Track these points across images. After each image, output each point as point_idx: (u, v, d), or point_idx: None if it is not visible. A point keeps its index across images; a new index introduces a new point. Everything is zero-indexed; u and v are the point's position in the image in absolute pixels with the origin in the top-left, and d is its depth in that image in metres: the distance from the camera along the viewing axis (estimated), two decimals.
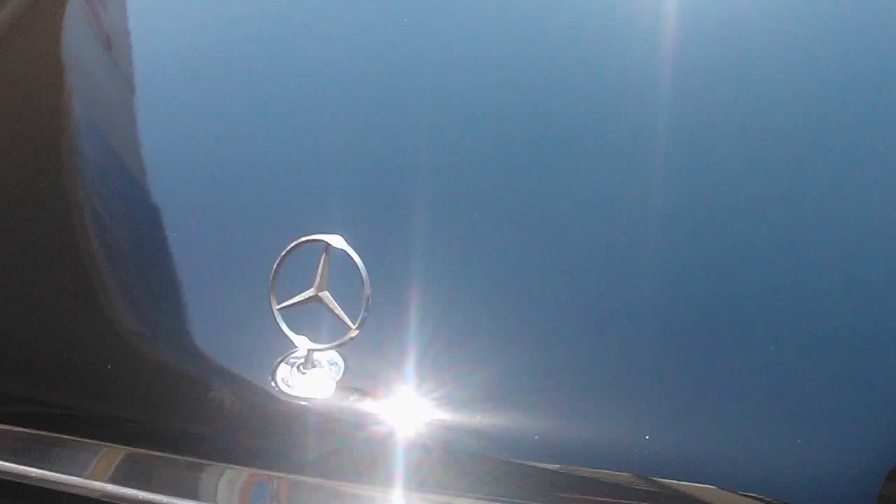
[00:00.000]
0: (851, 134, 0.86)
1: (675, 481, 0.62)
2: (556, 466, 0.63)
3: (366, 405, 0.65)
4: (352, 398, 0.64)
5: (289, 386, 0.64)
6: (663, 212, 0.78)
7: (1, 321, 0.79)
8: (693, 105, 0.88)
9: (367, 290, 0.62)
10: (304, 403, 0.63)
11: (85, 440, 0.70)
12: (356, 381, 0.65)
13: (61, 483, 0.68)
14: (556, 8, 1.03)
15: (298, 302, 0.64)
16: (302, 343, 0.63)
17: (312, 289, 0.64)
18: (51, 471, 0.68)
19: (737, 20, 0.97)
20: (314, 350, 0.63)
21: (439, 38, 1.01)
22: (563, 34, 0.98)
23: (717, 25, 0.96)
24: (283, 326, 0.64)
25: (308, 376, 0.64)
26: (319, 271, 0.64)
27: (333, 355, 0.65)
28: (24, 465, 0.68)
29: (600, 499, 0.63)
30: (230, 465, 0.66)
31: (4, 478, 0.69)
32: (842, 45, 0.98)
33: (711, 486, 0.62)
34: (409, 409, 0.64)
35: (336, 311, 0.63)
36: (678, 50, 0.93)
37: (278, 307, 0.63)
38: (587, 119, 0.90)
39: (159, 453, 0.68)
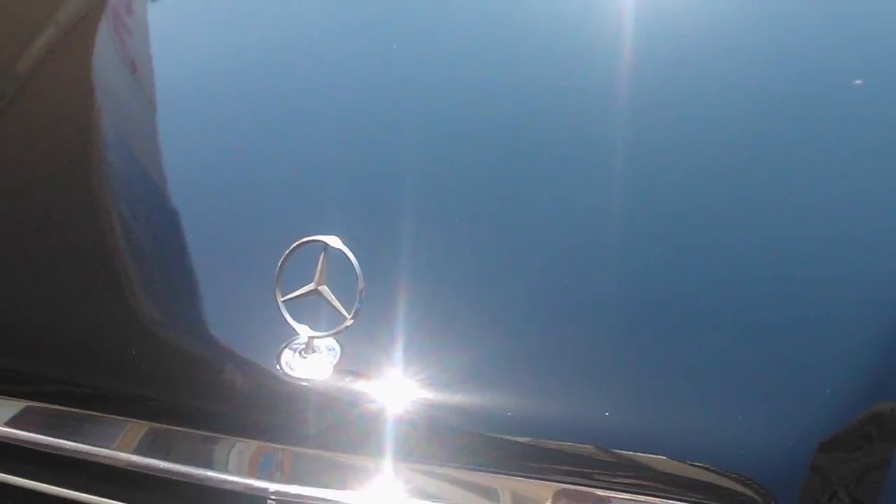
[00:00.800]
0: (780, 148, 0.90)
1: (630, 452, 0.66)
2: (527, 439, 0.66)
3: (359, 385, 0.68)
4: (347, 379, 0.68)
5: (292, 369, 0.68)
6: (618, 216, 0.82)
7: (39, 312, 0.81)
8: (643, 124, 0.92)
9: (361, 285, 0.66)
10: (305, 384, 0.67)
11: (113, 416, 0.73)
12: (351, 364, 0.68)
13: (92, 454, 0.71)
14: (524, 41, 1.06)
15: (300, 295, 0.67)
16: (303, 331, 0.67)
17: (312, 283, 0.67)
18: (83, 444, 0.71)
19: (679, 53, 1.01)
20: (314, 337, 0.67)
21: (424, 65, 1.04)
22: (532, 63, 1.02)
23: (663, 58, 1.00)
24: (287, 317, 0.67)
25: (308, 360, 0.68)
26: (319, 268, 0.67)
27: (331, 342, 0.68)
28: (59, 438, 0.72)
29: (565, 467, 0.66)
30: (240, 439, 0.69)
31: (42, 450, 0.72)
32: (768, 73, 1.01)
33: (662, 457, 0.65)
34: (398, 388, 0.68)
35: (333, 303, 0.67)
36: (628, 80, 0.97)
37: (283, 299, 0.67)
38: (552, 136, 0.93)
39: (178, 428, 0.71)
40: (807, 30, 1.08)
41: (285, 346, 0.69)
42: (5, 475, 0.73)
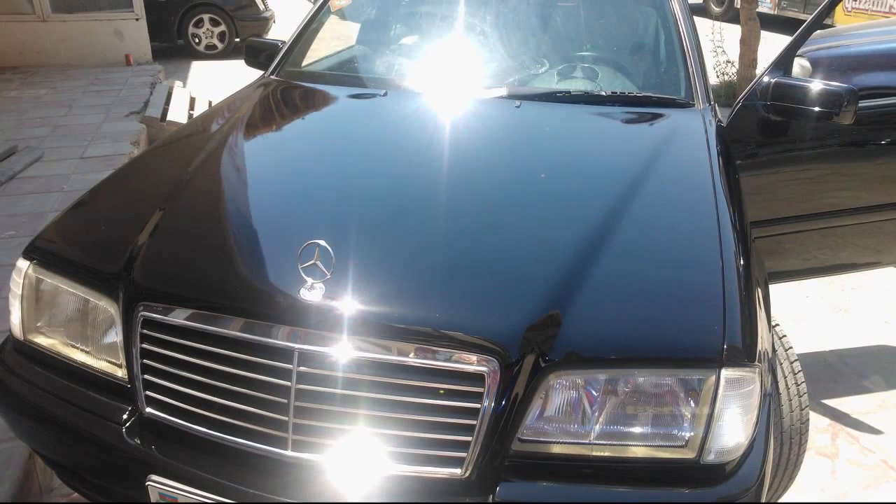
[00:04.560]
0: (509, 202, 1.77)
1: (445, 330, 1.37)
2: (403, 325, 1.38)
3: (332, 302, 1.40)
4: (327, 300, 1.40)
5: (305, 296, 1.40)
6: (446, 230, 1.63)
7: (196, 270, 1.56)
8: (455, 194, 1.77)
9: (334, 261, 1.40)
10: (310, 301, 1.39)
11: (227, 315, 1.44)
12: (329, 294, 1.40)
13: (215, 332, 1.44)
14: (413, 169, 1.96)
15: (308, 265, 1.41)
16: (309, 280, 1.40)
17: (313, 259, 1.41)
18: (212, 326, 1.44)
19: (471, 176, 1.91)
20: (314, 283, 1.40)
21: (366, 175, 1.91)
22: (413, 178, 1.92)
23: (465, 175, 1.90)
24: (303, 274, 1.40)
25: (311, 292, 1.40)
26: (316, 253, 1.41)
27: (321, 284, 1.40)
28: (203, 325, 1.45)
29: (418, 336, 1.37)
30: (282, 325, 1.39)
31: (197, 329, 1.45)
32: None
33: (460, 333, 1.38)
34: (349, 302, 1.39)
35: (322, 268, 1.40)
36: (447, 183, 1.84)
37: (301, 266, 1.41)
38: (420, 202, 1.78)
39: (255, 321, 1.42)
40: (521, 160, 2.00)
41: (302, 286, 1.41)
42: (186, 340, 1.47)
